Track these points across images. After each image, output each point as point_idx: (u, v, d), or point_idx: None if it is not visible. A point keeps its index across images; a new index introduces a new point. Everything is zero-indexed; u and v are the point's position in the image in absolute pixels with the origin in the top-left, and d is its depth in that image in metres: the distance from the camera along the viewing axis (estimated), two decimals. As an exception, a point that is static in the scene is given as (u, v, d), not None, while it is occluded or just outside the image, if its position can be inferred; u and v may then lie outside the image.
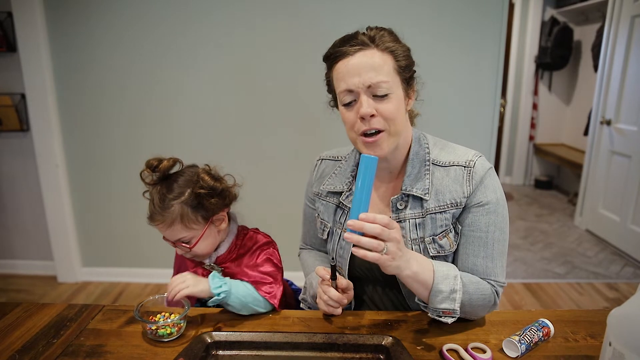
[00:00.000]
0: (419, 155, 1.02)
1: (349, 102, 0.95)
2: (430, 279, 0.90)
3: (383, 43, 0.94)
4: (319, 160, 1.19)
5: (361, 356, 0.90)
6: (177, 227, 1.06)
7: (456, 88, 2.36)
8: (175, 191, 1.06)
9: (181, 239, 1.08)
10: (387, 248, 0.81)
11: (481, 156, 1.01)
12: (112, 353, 0.91)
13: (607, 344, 0.69)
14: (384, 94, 0.92)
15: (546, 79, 4.72)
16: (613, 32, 3.24)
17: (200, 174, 1.09)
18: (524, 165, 5.02)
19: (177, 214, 1.05)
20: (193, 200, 1.06)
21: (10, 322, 1.02)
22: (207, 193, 1.07)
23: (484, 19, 2.27)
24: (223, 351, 0.92)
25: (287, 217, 2.57)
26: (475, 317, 1.00)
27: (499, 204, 0.98)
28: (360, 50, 0.93)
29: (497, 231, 0.98)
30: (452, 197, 0.98)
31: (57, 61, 2.48)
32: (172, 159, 1.08)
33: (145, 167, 1.07)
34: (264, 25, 2.36)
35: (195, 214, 1.07)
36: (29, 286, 2.76)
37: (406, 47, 0.99)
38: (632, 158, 3.08)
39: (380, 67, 0.92)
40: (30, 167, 2.66)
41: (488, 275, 0.98)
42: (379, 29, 0.98)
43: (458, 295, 0.90)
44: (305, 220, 1.26)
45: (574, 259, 3.14)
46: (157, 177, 1.08)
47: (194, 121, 2.52)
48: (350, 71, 0.93)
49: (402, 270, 0.87)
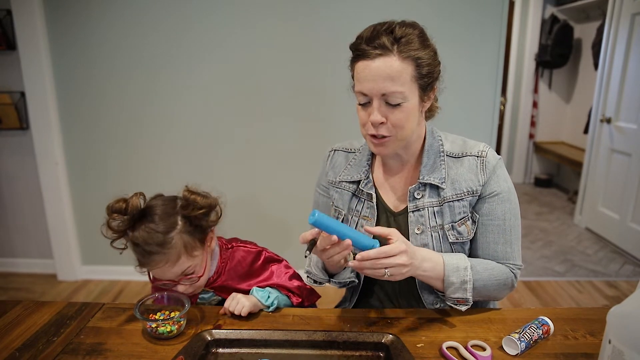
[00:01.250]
0: (433, 147, 1.06)
1: (363, 103, 0.97)
2: (442, 272, 0.96)
3: (407, 50, 0.92)
4: (332, 151, 1.19)
5: (361, 354, 0.90)
6: (183, 260, 1.00)
7: (456, 86, 2.35)
8: (165, 224, 0.98)
9: (185, 272, 1.02)
10: (389, 272, 0.87)
11: (490, 147, 1.06)
12: (112, 351, 0.91)
13: (607, 341, 0.69)
14: (397, 103, 0.93)
15: (546, 77, 4.72)
16: (613, 30, 3.23)
17: (188, 196, 1.01)
18: (523, 163, 5.02)
19: (180, 246, 0.99)
20: (189, 227, 1.01)
21: (11, 320, 1.02)
22: (204, 212, 1.01)
23: (484, 17, 2.27)
24: (223, 349, 0.92)
25: (286, 214, 2.58)
26: (495, 300, 1.08)
27: (511, 192, 1.04)
28: (380, 56, 0.91)
29: (512, 218, 1.03)
30: (468, 186, 1.02)
31: (57, 59, 2.47)
32: (138, 193, 1.00)
33: (109, 215, 0.97)
34: (264, 27, 2.36)
35: (194, 239, 1.01)
36: (29, 284, 2.76)
37: (432, 50, 0.98)
38: (632, 156, 3.08)
39: (398, 77, 0.91)
40: (30, 165, 2.65)
41: (507, 259, 1.04)
42: (408, 28, 0.94)
43: (469, 286, 0.96)
44: (317, 208, 1.24)
45: (574, 257, 3.14)
46: (130, 219, 0.97)
47: (194, 119, 2.52)
48: (367, 76, 0.92)
49: (416, 272, 0.94)
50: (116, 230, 0.97)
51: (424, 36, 0.97)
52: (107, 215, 0.97)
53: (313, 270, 1.11)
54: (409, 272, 0.90)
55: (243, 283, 1.13)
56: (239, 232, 1.28)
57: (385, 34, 0.92)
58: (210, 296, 1.15)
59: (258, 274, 1.15)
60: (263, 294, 1.06)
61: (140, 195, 1.00)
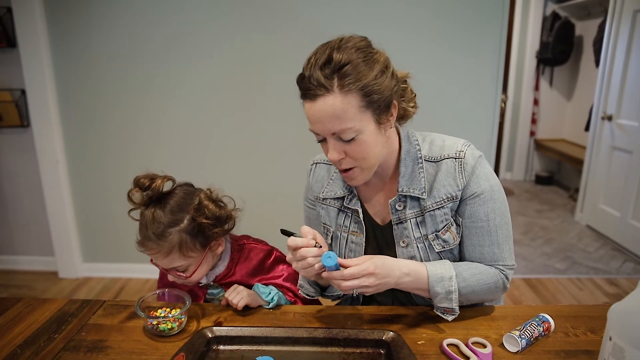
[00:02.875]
0: (410, 154, 1.01)
1: (319, 141, 0.94)
2: (425, 284, 0.94)
3: (348, 83, 0.84)
4: (313, 164, 1.16)
5: (362, 351, 0.90)
6: (174, 256, 1.00)
7: (457, 84, 2.35)
8: (172, 217, 0.99)
9: (176, 268, 1.02)
10: (356, 292, 0.88)
11: (470, 145, 1.00)
12: (114, 348, 0.91)
13: (608, 338, 0.69)
14: (351, 138, 0.88)
15: (547, 75, 4.71)
16: (615, 27, 3.22)
17: (203, 201, 1.01)
18: (524, 160, 5.01)
19: (175, 243, 0.98)
20: (193, 228, 1.00)
21: (12, 317, 1.03)
22: (210, 223, 1.00)
23: (484, 14, 2.26)
24: (224, 346, 0.92)
25: (284, 213, 2.57)
26: (488, 302, 1.07)
27: (494, 190, 0.98)
28: (320, 96, 0.85)
29: (497, 217, 0.98)
30: (447, 192, 0.98)
31: (57, 56, 2.47)
32: (166, 177, 1.00)
33: (134, 186, 0.98)
34: (262, 27, 2.35)
35: (194, 241, 1.00)
36: (30, 282, 2.76)
37: (381, 69, 0.88)
38: (633, 153, 3.07)
39: (344, 114, 0.85)
40: (31, 163, 2.65)
41: (496, 261, 0.99)
42: (348, 51, 0.86)
43: (454, 296, 0.94)
44: (309, 224, 1.22)
45: (575, 254, 3.14)
46: (148, 198, 0.99)
47: (194, 117, 2.51)
48: (312, 118, 0.88)
49: (395, 287, 0.93)
50: (134, 202, 1.00)
51: (368, 55, 0.88)
52: (132, 185, 1.00)
53: (304, 284, 1.10)
54: (379, 289, 0.90)
55: (252, 280, 1.13)
56: (238, 230, 1.28)
57: (322, 67, 0.85)
58: (219, 292, 1.16)
59: (267, 272, 1.15)
60: (264, 290, 1.06)
61: (167, 179, 1.01)
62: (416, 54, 2.30)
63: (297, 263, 0.90)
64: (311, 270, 0.89)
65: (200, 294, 1.15)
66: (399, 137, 1.03)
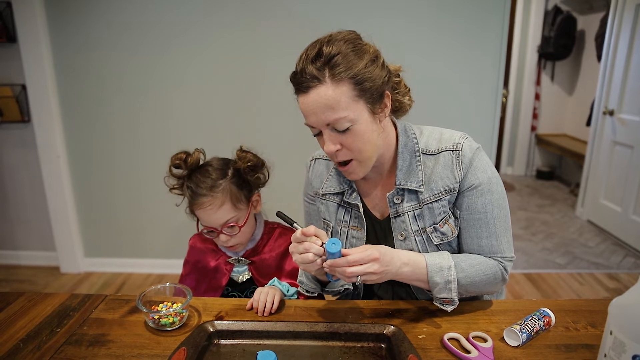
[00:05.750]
0: (407, 147, 1.01)
1: (315, 134, 0.95)
2: (424, 274, 0.94)
3: (339, 72, 0.86)
4: (312, 160, 1.16)
5: (363, 345, 0.90)
6: (226, 206, 1.12)
7: (458, 78, 2.34)
8: (219, 172, 1.13)
9: (228, 222, 1.12)
10: (360, 279, 0.87)
11: (467, 137, 1.00)
12: (115, 342, 0.92)
13: (608, 332, 0.69)
14: (345, 128, 0.89)
15: (549, 69, 4.69)
16: (617, 21, 3.21)
17: (240, 153, 1.17)
18: (525, 155, 5.00)
19: (227, 193, 1.11)
20: (237, 178, 1.14)
21: (14, 312, 1.03)
22: (250, 167, 1.14)
23: (486, 9, 2.25)
24: (225, 340, 0.92)
25: (284, 210, 2.57)
26: (487, 294, 1.07)
27: (492, 182, 0.98)
28: (313, 88, 0.87)
29: (495, 209, 0.98)
30: (444, 184, 0.98)
31: (58, 51, 2.47)
32: (199, 150, 1.15)
33: (172, 162, 1.12)
34: (262, 22, 2.34)
35: (240, 192, 1.14)
36: (32, 277, 2.77)
37: (371, 58, 0.90)
38: (634, 148, 3.07)
39: (337, 103, 0.86)
40: (32, 158, 2.66)
41: (494, 253, 0.99)
42: (337, 43, 0.88)
43: (453, 286, 0.94)
44: (309, 219, 1.23)
45: (575, 249, 3.14)
46: (189, 170, 1.13)
47: (194, 111, 2.51)
48: (307, 110, 0.90)
49: (394, 277, 0.93)
50: (176, 176, 1.14)
51: (357, 46, 0.90)
52: (170, 163, 1.14)
53: (304, 280, 1.10)
54: (382, 278, 0.89)
55: (278, 262, 1.21)
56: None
57: (312, 61, 0.88)
58: (243, 270, 1.22)
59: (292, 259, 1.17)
60: (284, 287, 1.11)
61: (200, 152, 1.16)
62: (418, 48, 2.29)
63: (299, 255, 0.90)
64: (312, 266, 0.90)
65: (225, 270, 1.22)
66: (396, 130, 1.03)
